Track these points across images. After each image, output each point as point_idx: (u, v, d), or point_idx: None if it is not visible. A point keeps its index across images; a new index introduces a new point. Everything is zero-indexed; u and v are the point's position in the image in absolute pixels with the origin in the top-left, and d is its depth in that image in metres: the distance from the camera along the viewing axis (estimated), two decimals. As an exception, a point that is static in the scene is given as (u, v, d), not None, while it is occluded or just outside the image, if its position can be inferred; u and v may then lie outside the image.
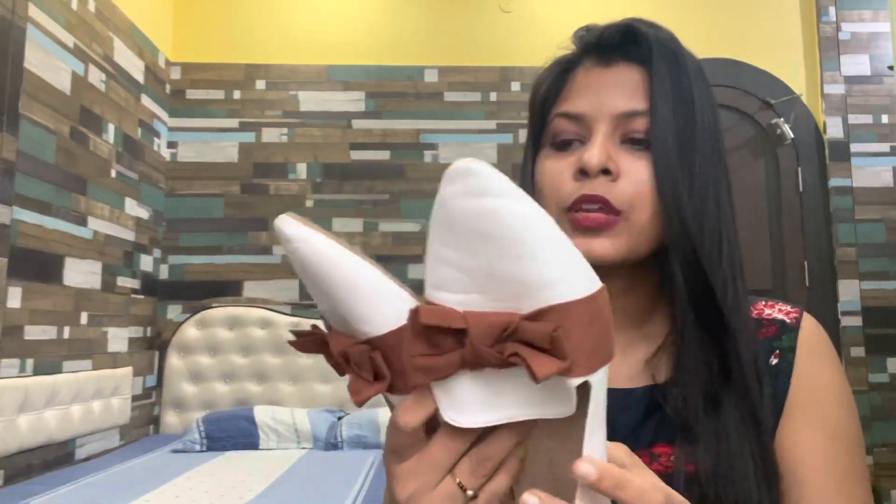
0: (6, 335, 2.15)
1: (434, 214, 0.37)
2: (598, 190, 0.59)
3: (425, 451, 0.40)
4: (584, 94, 0.63)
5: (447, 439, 0.39)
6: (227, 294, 3.31)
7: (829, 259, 3.36)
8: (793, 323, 0.65)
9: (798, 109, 3.45)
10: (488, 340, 0.36)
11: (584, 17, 3.60)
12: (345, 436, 2.79)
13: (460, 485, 0.40)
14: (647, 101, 0.61)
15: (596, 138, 0.60)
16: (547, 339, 0.35)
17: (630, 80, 0.62)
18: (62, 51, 2.46)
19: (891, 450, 3.14)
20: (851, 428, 0.63)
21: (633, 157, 0.61)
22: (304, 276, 0.40)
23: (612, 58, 0.64)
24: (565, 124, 0.63)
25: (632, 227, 0.60)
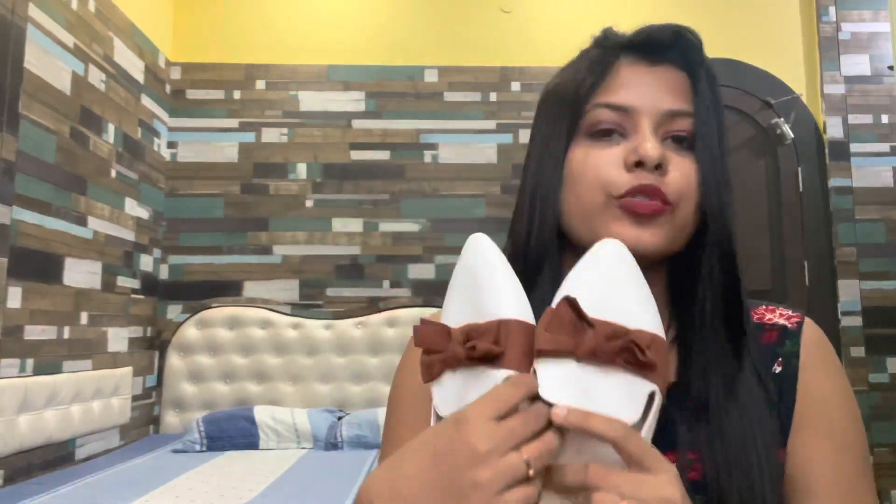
0: (6, 335, 2.15)
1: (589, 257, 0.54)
2: (653, 181, 0.60)
3: (508, 420, 0.46)
4: (630, 87, 0.63)
5: (528, 415, 0.46)
6: (227, 294, 3.31)
7: (829, 259, 3.36)
8: (794, 328, 0.65)
9: (798, 109, 3.45)
10: (606, 336, 0.49)
11: (583, 16, 3.61)
12: (345, 436, 2.79)
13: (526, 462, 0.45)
14: (690, 104, 0.63)
15: (646, 132, 0.61)
16: (648, 342, 0.49)
17: (675, 81, 0.63)
18: (62, 51, 2.46)
19: (891, 450, 3.14)
20: (857, 437, 0.63)
21: (680, 155, 0.62)
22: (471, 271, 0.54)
23: (657, 58, 0.64)
24: (607, 115, 0.63)
25: (676, 220, 0.61)
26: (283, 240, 3.37)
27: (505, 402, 0.46)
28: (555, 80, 0.69)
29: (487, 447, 0.44)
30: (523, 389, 0.47)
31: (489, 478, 0.44)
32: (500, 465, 0.44)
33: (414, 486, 0.46)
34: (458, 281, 0.55)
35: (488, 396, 0.47)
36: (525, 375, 0.48)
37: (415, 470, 0.47)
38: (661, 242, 0.60)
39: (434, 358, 0.52)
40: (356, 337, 3.20)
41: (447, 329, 0.52)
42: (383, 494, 0.48)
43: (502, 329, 0.49)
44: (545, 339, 0.48)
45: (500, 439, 0.45)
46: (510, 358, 0.49)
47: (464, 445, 0.45)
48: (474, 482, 0.44)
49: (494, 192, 3.38)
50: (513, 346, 0.49)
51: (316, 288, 3.34)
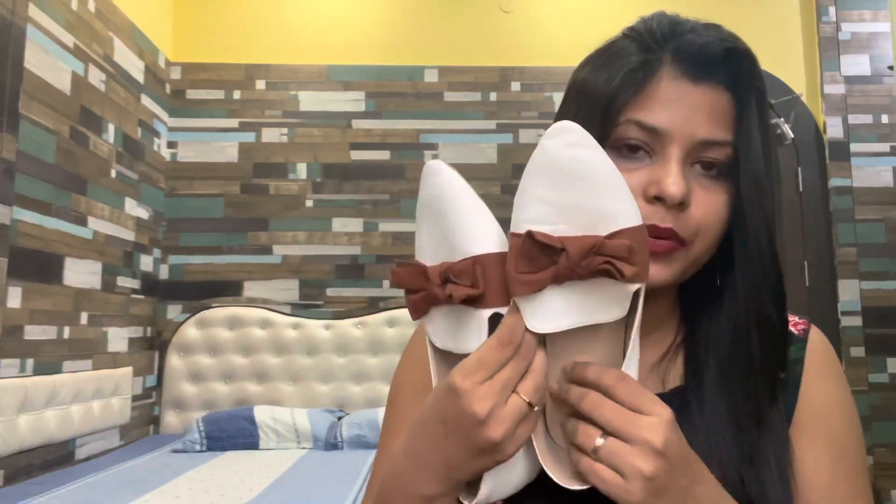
0: (6, 335, 2.15)
1: (533, 162, 0.50)
2: (669, 222, 0.57)
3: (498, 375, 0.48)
4: (667, 107, 0.58)
5: (516, 361, 0.48)
6: (227, 294, 3.31)
7: (829, 259, 3.36)
8: (800, 335, 0.65)
9: (798, 109, 3.45)
10: (580, 256, 0.47)
11: (583, 17, 3.60)
12: (345, 436, 2.79)
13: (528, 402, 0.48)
14: (729, 132, 0.58)
15: (672, 163, 0.57)
16: (626, 251, 0.47)
17: (717, 106, 0.58)
18: (62, 51, 2.46)
19: (891, 450, 3.14)
20: (856, 446, 0.62)
21: (705, 187, 0.58)
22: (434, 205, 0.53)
23: (703, 75, 0.58)
24: (637, 132, 0.58)
25: (689, 255, 0.59)
26: (283, 240, 3.37)
27: (494, 366, 0.48)
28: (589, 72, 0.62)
29: (487, 409, 0.47)
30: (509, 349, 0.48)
31: (502, 432, 0.47)
32: (506, 416, 0.47)
33: (438, 454, 0.49)
34: (425, 215, 0.54)
35: (476, 362, 0.48)
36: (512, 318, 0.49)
37: (433, 439, 0.50)
38: (668, 279, 0.58)
39: (417, 297, 0.53)
40: (356, 337, 3.20)
41: (423, 269, 0.52)
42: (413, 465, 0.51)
43: (478, 267, 0.49)
44: (519, 283, 0.48)
45: (497, 395, 0.47)
46: (490, 297, 0.50)
47: (467, 414, 0.47)
48: (490, 441, 0.47)
49: (494, 192, 3.38)
50: (491, 284, 0.49)
51: (316, 288, 3.34)
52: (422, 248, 0.54)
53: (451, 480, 0.50)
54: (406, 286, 0.53)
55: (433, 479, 0.50)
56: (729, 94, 0.59)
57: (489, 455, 0.48)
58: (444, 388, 0.49)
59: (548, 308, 0.48)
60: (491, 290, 0.49)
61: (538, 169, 0.50)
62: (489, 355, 0.48)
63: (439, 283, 0.51)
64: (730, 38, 0.60)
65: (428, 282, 0.51)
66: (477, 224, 0.51)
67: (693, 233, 0.58)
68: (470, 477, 0.50)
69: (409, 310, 0.54)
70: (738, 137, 0.59)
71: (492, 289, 0.49)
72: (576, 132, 0.49)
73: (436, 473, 0.50)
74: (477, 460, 0.48)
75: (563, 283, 0.48)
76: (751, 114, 0.59)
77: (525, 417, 0.48)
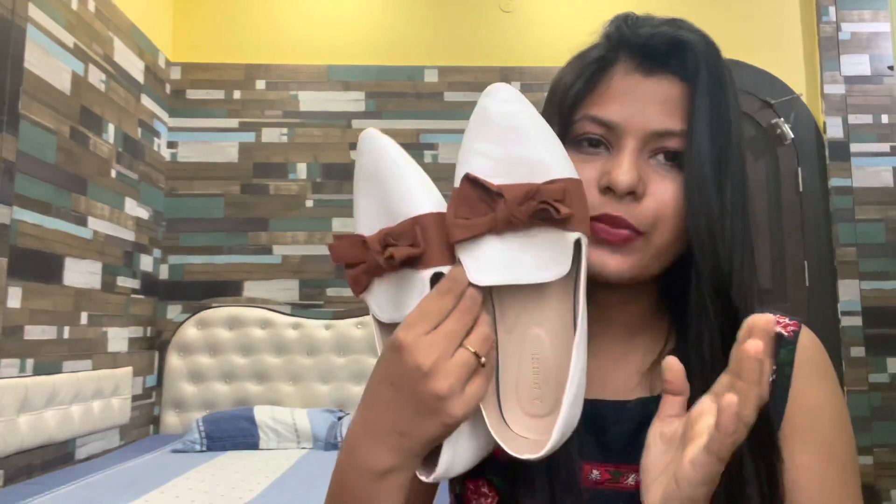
0: (6, 335, 2.15)
1: (472, 120, 0.52)
2: (621, 211, 0.57)
3: (441, 326, 0.47)
4: (619, 101, 0.59)
5: (461, 313, 0.47)
6: (227, 294, 3.31)
7: (829, 259, 3.35)
8: (790, 336, 0.64)
9: (798, 109, 3.45)
10: (517, 201, 0.48)
11: (583, 17, 3.61)
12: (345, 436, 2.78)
13: (474, 353, 0.47)
14: (684, 122, 0.58)
15: (625, 155, 0.57)
16: (561, 194, 0.48)
17: (670, 97, 0.59)
18: (62, 51, 2.46)
19: (891, 450, 3.14)
20: (846, 449, 0.62)
21: (660, 176, 0.59)
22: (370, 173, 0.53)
23: (654, 67, 0.60)
24: (593, 127, 0.60)
25: (649, 247, 0.58)
26: (283, 240, 3.37)
27: (437, 316, 0.47)
28: (557, 76, 0.66)
29: (432, 360, 0.46)
30: (450, 297, 0.47)
31: (448, 385, 0.46)
32: (452, 369, 0.46)
33: (388, 419, 0.48)
34: (362, 184, 0.54)
35: (418, 314, 0.47)
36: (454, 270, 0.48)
37: (383, 404, 0.48)
38: (627, 270, 0.58)
39: (357, 270, 0.52)
40: (356, 337, 3.20)
41: (362, 239, 0.52)
42: (365, 435, 0.50)
43: (417, 227, 0.49)
44: (457, 227, 0.48)
45: (441, 348, 0.46)
46: (431, 256, 0.49)
47: (411, 367, 0.46)
48: (436, 395, 0.46)
49: (494, 192, 3.37)
50: (431, 243, 0.49)
51: (316, 288, 3.34)
52: (360, 220, 0.54)
53: (403, 450, 0.48)
54: (345, 259, 0.53)
55: (385, 449, 0.48)
56: (682, 84, 0.60)
57: (437, 415, 0.46)
58: (388, 346, 0.48)
59: (488, 260, 0.48)
60: (432, 249, 0.49)
61: (476, 126, 0.51)
62: (430, 305, 0.47)
63: (379, 249, 0.50)
64: (680, 29, 0.60)
65: (367, 252, 0.51)
66: (414, 187, 0.51)
67: (650, 223, 0.57)
68: (422, 447, 0.48)
69: (350, 285, 0.53)
70: (687, 125, 0.58)
71: (432, 247, 0.49)
72: (507, 90, 0.51)
73: (387, 443, 0.48)
74: (425, 422, 0.47)
75: (503, 234, 0.49)
76: (701, 102, 0.58)
77: (474, 373, 0.47)
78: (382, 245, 0.50)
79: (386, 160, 0.52)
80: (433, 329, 0.47)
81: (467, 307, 0.48)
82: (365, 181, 0.53)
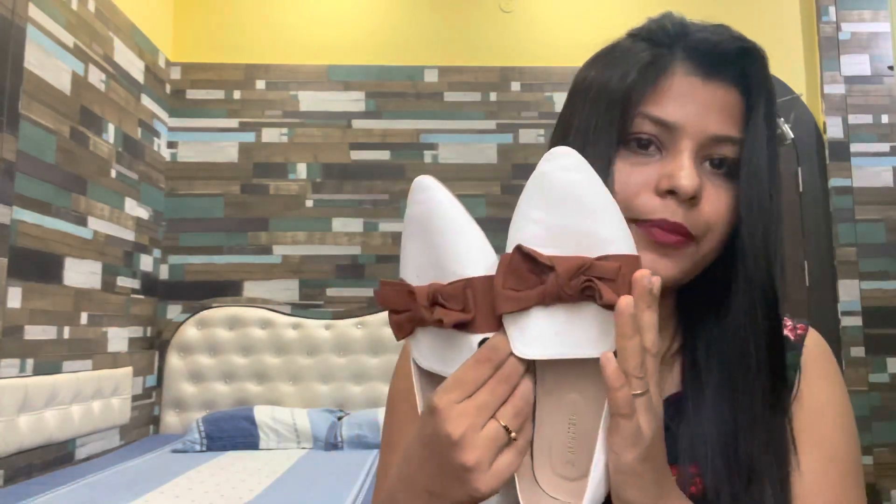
0: (6, 335, 2.15)
1: (530, 185, 0.50)
2: (680, 217, 0.56)
3: (475, 396, 0.46)
4: (679, 101, 0.58)
5: (496, 384, 0.46)
6: (227, 294, 3.31)
7: (829, 259, 3.35)
8: (797, 340, 0.64)
9: (798, 109, 3.45)
10: (568, 275, 0.46)
11: (583, 17, 3.60)
12: (345, 436, 2.79)
13: (505, 427, 0.46)
14: (739, 130, 0.59)
15: (684, 157, 0.57)
16: (615, 272, 0.46)
17: (728, 103, 0.59)
18: (62, 51, 2.46)
19: (891, 450, 3.14)
20: (849, 450, 0.61)
21: (715, 184, 0.58)
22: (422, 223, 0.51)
23: (714, 72, 0.59)
24: (649, 126, 0.58)
25: (697, 252, 0.58)
26: (283, 240, 3.37)
27: (472, 384, 0.46)
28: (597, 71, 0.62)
29: (462, 431, 0.45)
30: (488, 366, 0.46)
31: (475, 458, 0.45)
32: (481, 442, 0.45)
33: (422, 478, 0.48)
34: (413, 231, 0.52)
35: (454, 381, 0.47)
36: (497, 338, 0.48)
37: (417, 462, 0.49)
38: (678, 274, 0.58)
39: (402, 318, 0.51)
40: (356, 337, 3.20)
41: (411, 289, 0.50)
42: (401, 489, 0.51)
43: (469, 291, 0.48)
44: (505, 299, 0.47)
45: (472, 418, 0.45)
46: (481, 322, 0.48)
47: (441, 435, 0.46)
48: (463, 466, 0.45)
49: (494, 192, 3.38)
50: (482, 309, 0.48)
51: (316, 288, 3.34)
52: (407, 267, 0.52)
53: None
54: (392, 306, 0.51)
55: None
56: (739, 92, 0.60)
57: (464, 485, 0.46)
58: (426, 407, 0.48)
59: (534, 333, 0.47)
60: (481, 315, 0.48)
61: (534, 191, 0.50)
62: (467, 373, 0.46)
63: (427, 304, 0.49)
64: (742, 38, 0.60)
65: (414, 302, 0.49)
66: (468, 246, 0.49)
67: (703, 230, 0.57)
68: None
69: (392, 329, 0.52)
70: (745, 135, 0.59)
71: (482, 313, 0.48)
72: (572, 157, 0.49)
73: (420, 500, 0.49)
74: (454, 488, 0.46)
75: (550, 306, 0.47)
76: (759, 114, 0.59)
77: (504, 446, 0.46)
78: (431, 301, 0.49)
79: (441, 215, 0.50)
80: (467, 397, 0.46)
81: (504, 378, 0.47)
82: (416, 230, 0.52)
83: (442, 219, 0.50)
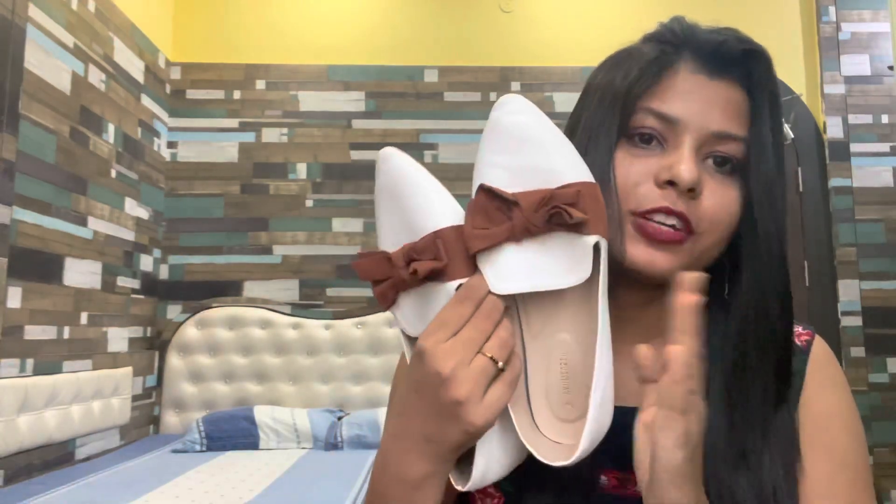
0: (6, 335, 2.15)
1: (485, 133, 0.53)
2: (681, 207, 0.56)
3: (460, 333, 0.48)
4: (682, 98, 0.59)
5: (479, 320, 0.48)
6: (227, 294, 3.31)
7: (829, 259, 3.35)
8: (804, 346, 0.64)
9: (798, 109, 3.45)
10: (533, 208, 0.49)
11: (583, 17, 3.60)
12: (345, 436, 2.79)
13: (492, 359, 0.48)
14: (743, 128, 0.59)
15: (684, 151, 0.57)
16: (575, 196, 0.49)
17: (732, 101, 0.59)
18: (62, 51, 2.46)
19: (891, 450, 3.14)
20: (857, 455, 0.61)
21: (717, 180, 0.58)
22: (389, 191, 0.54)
23: (720, 70, 0.60)
24: (651, 121, 0.59)
25: (696, 248, 0.58)
26: (283, 240, 3.37)
27: (456, 323, 0.48)
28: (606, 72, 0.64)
29: (451, 366, 0.46)
30: (468, 304, 0.48)
31: (467, 391, 0.46)
32: (470, 375, 0.47)
33: (416, 426, 0.49)
34: (382, 202, 0.55)
35: (437, 322, 0.48)
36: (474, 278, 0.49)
37: (410, 410, 0.50)
38: (672, 268, 0.57)
39: (384, 286, 0.53)
40: (356, 337, 3.20)
41: (387, 255, 0.53)
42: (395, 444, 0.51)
43: (439, 241, 0.50)
44: (475, 237, 0.49)
45: (460, 354, 0.47)
46: (454, 268, 0.50)
47: (431, 374, 0.47)
48: (455, 401, 0.46)
49: (494, 192, 3.37)
50: (454, 255, 0.50)
51: (316, 288, 3.34)
52: (383, 237, 0.55)
53: (433, 456, 0.49)
54: (371, 276, 0.53)
55: (416, 457, 0.49)
56: (744, 92, 0.60)
57: (458, 421, 0.47)
58: (414, 353, 0.49)
59: (508, 268, 0.49)
60: (454, 261, 0.50)
61: (489, 138, 0.53)
62: (449, 313, 0.48)
63: (403, 265, 0.51)
64: (748, 40, 0.61)
65: (392, 268, 0.52)
66: (433, 201, 0.52)
67: (704, 223, 0.57)
68: (450, 452, 0.49)
69: (378, 300, 0.54)
70: (750, 135, 0.59)
71: (455, 260, 0.50)
72: (517, 101, 0.52)
73: (418, 450, 0.49)
74: (449, 427, 0.47)
75: (521, 242, 0.49)
76: (764, 113, 0.60)
77: (494, 379, 0.48)
78: (406, 260, 0.51)
79: (403, 177, 0.53)
80: (453, 336, 0.48)
81: (486, 314, 0.48)
82: (385, 199, 0.55)
83: (407, 184, 0.53)
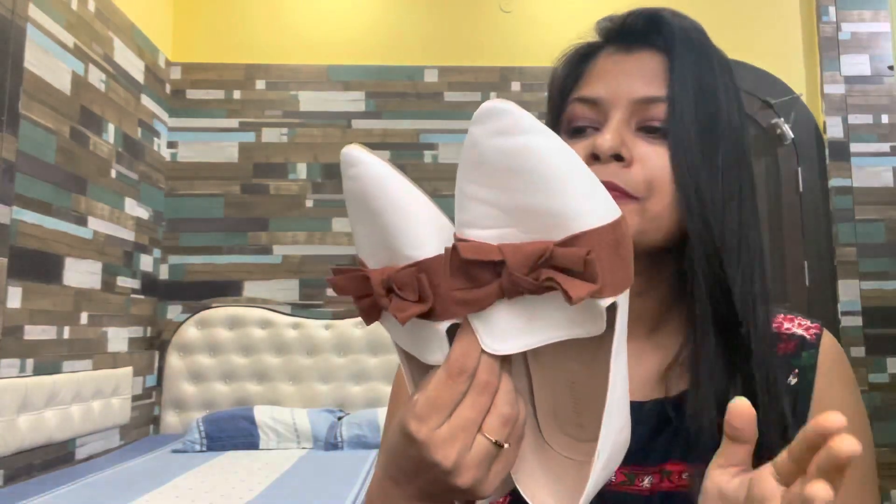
0: (6, 335, 2.15)
1: (464, 154, 0.40)
2: (608, 176, 0.56)
3: (457, 414, 0.42)
4: (603, 79, 0.61)
5: (475, 397, 0.42)
6: (227, 294, 3.31)
7: (829, 259, 3.35)
8: (812, 340, 0.63)
9: (798, 109, 3.45)
10: (524, 269, 0.38)
11: (584, 17, 3.58)
12: (345, 436, 2.79)
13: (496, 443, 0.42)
14: (666, 89, 0.59)
15: (610, 123, 0.58)
16: (580, 263, 0.38)
17: (650, 67, 0.60)
18: (62, 51, 2.46)
19: (891, 450, 3.14)
20: (866, 456, 0.61)
21: (648, 144, 0.58)
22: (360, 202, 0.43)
23: (634, 45, 0.62)
24: (581, 110, 0.61)
25: (645, 212, 0.57)
26: (283, 240, 3.37)
27: (449, 404, 0.42)
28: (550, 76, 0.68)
29: (452, 458, 0.42)
30: (462, 379, 0.41)
31: (472, 478, 0.42)
32: (474, 462, 0.42)
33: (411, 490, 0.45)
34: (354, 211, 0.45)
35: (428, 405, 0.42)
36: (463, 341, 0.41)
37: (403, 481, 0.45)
38: None
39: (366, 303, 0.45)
40: (356, 337, 3.20)
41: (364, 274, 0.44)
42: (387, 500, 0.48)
43: (422, 276, 0.41)
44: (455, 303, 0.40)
45: (459, 441, 0.42)
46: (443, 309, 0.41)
47: (432, 465, 0.42)
48: (460, 489, 0.43)
49: (494, 192, 3.37)
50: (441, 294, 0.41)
51: (316, 288, 3.34)
52: (360, 247, 0.46)
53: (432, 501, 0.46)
54: (349, 294, 0.45)
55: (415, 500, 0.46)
56: (663, 56, 0.61)
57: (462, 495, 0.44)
58: (401, 432, 0.43)
59: (503, 326, 0.40)
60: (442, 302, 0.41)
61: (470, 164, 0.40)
62: (442, 393, 0.41)
63: (383, 293, 0.42)
64: (653, 8, 0.63)
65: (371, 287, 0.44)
66: (414, 223, 0.42)
67: (643, 189, 0.57)
68: None
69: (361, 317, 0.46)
70: (671, 92, 0.59)
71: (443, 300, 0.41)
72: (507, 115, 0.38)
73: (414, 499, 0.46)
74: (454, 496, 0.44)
75: (514, 298, 0.40)
76: (683, 70, 0.59)
77: (497, 457, 0.43)
78: (385, 288, 0.42)
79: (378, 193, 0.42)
80: (447, 419, 0.42)
81: (482, 387, 0.42)
82: (358, 210, 0.44)
83: (380, 198, 0.43)
